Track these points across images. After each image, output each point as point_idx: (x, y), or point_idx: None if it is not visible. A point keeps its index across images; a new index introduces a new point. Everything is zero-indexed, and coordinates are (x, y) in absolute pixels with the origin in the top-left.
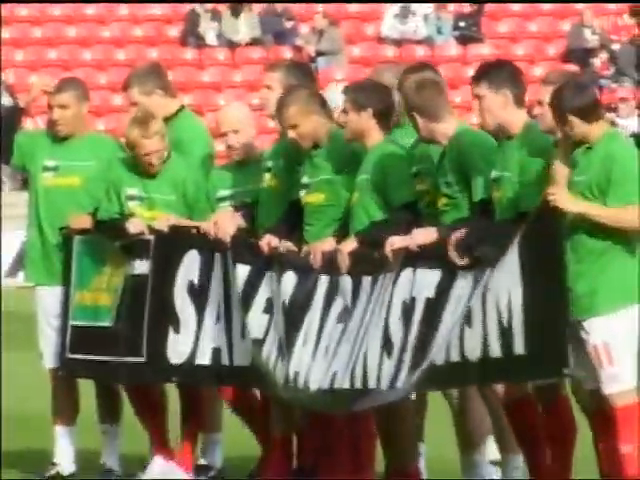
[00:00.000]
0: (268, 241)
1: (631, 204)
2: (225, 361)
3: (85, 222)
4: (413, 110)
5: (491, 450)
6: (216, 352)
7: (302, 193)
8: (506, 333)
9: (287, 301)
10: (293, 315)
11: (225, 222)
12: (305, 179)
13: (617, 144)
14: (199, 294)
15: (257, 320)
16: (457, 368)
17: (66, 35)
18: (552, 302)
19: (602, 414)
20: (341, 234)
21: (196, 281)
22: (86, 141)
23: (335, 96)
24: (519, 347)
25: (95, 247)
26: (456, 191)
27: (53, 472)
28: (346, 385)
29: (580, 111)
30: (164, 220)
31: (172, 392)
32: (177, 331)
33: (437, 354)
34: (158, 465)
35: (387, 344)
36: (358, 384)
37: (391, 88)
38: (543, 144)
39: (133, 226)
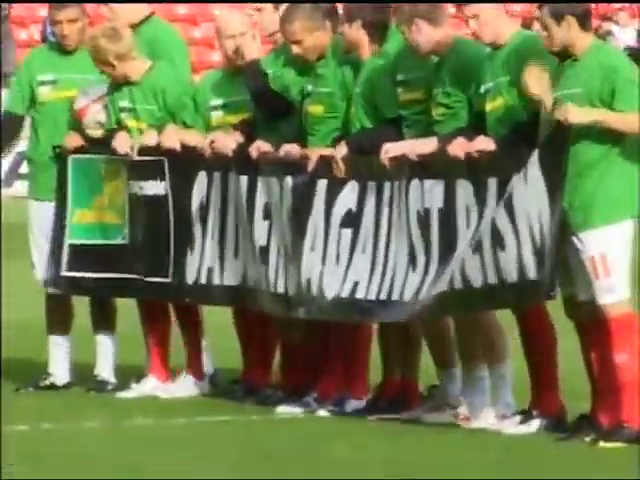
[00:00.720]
0: (257, 146)
1: (635, 110)
2: (216, 280)
3: (78, 140)
4: (417, 16)
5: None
6: (209, 272)
7: (306, 102)
8: (540, 254)
9: (290, 207)
10: (296, 221)
11: (224, 139)
12: (309, 88)
13: (610, 54)
14: (204, 215)
15: (260, 227)
16: (495, 290)
17: None
18: (558, 223)
19: (595, 325)
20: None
21: (204, 202)
22: (85, 54)
23: None
24: (546, 268)
25: (90, 167)
26: (455, 101)
27: (47, 382)
28: (371, 296)
29: (579, 16)
30: (171, 136)
31: None
32: (192, 252)
33: (472, 273)
34: (151, 382)
35: (412, 256)
36: (383, 295)
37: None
38: (538, 50)
39: (119, 146)
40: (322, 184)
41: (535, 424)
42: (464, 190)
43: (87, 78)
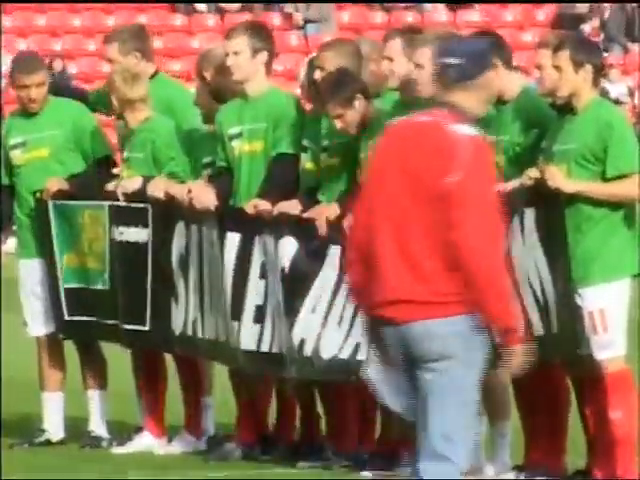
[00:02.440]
0: (255, 204)
1: (630, 174)
2: (199, 333)
3: (62, 183)
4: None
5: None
6: (194, 324)
7: (322, 156)
8: (543, 309)
9: (287, 267)
10: (296, 281)
11: (202, 193)
12: (325, 142)
13: (609, 111)
14: (185, 267)
15: (255, 286)
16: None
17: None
18: (566, 278)
19: (592, 380)
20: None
21: (183, 254)
22: (48, 111)
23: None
24: (554, 325)
25: (70, 212)
26: None
27: (42, 438)
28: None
29: (597, 68)
30: (158, 186)
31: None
32: (176, 303)
33: None
34: (146, 438)
35: None
36: None
37: (367, 59)
38: (540, 107)
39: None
40: (335, 249)
41: None
42: None
43: (54, 134)
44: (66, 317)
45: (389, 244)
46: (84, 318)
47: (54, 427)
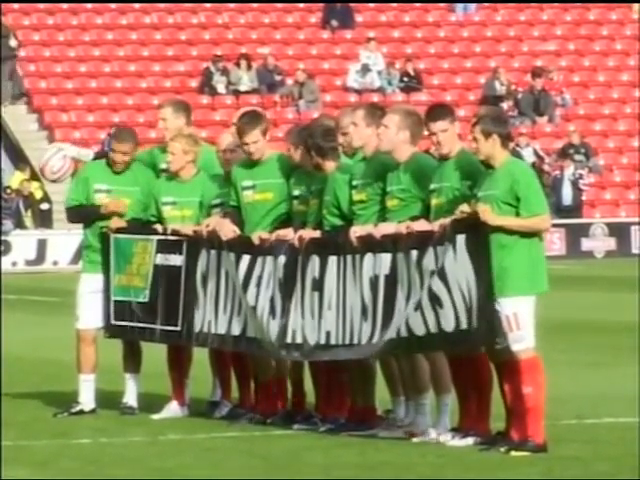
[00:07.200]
0: (258, 235)
1: (539, 214)
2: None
3: (121, 223)
4: (407, 129)
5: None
6: (209, 324)
7: (309, 197)
8: (470, 310)
9: (281, 277)
10: (285, 287)
11: (227, 226)
12: (312, 187)
13: (517, 168)
14: (205, 282)
15: (251, 292)
16: (435, 337)
17: (114, 86)
18: (488, 288)
19: (509, 365)
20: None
21: (205, 273)
22: (130, 172)
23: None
24: (474, 321)
25: (125, 244)
26: (408, 196)
27: (77, 409)
28: (339, 341)
29: (503, 136)
30: (188, 227)
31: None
32: (197, 309)
33: (415, 325)
34: (173, 406)
35: (364, 311)
36: (347, 340)
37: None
38: (473, 163)
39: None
40: (300, 260)
41: (471, 440)
42: (402, 261)
43: (132, 190)
44: (112, 321)
45: None
46: (126, 323)
47: (87, 400)
